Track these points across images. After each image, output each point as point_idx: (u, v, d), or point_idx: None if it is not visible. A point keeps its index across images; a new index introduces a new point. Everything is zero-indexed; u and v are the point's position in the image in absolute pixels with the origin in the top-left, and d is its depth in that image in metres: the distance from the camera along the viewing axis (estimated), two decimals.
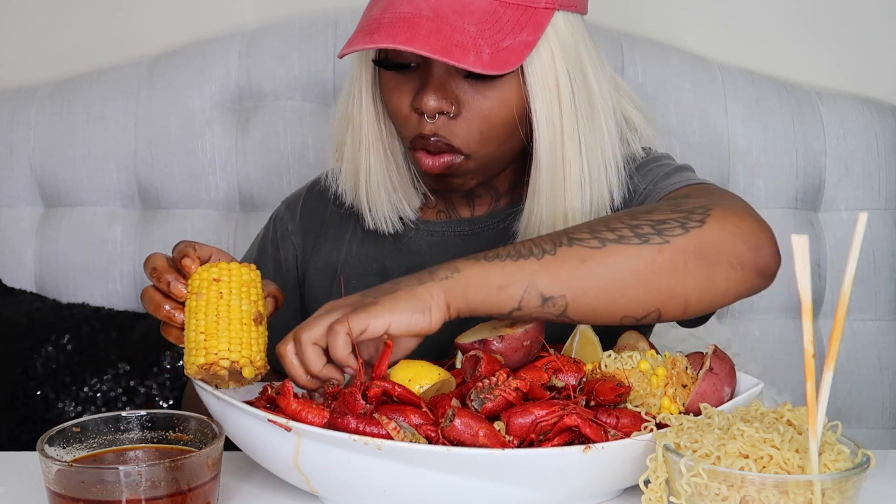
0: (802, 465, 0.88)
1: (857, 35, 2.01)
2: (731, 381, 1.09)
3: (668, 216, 1.09)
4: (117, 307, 1.94)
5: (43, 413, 1.76)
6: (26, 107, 1.98)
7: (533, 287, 1.04)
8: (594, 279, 1.05)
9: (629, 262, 1.05)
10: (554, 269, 1.05)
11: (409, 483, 0.97)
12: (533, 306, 1.05)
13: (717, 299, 1.09)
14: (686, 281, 1.06)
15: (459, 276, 1.04)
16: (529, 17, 1.20)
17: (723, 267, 1.07)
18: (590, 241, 1.06)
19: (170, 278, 1.10)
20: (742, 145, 1.92)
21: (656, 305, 1.07)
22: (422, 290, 1.03)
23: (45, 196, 1.99)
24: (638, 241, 1.06)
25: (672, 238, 1.06)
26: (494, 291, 1.04)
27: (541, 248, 1.06)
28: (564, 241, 1.06)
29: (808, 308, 0.86)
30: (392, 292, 1.04)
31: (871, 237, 1.92)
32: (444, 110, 1.21)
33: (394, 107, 1.25)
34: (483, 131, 1.23)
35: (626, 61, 1.92)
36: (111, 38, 2.06)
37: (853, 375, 1.92)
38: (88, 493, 0.93)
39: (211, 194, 1.96)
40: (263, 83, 1.95)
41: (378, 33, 1.16)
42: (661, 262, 1.06)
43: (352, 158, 1.33)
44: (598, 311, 1.07)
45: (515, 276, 1.04)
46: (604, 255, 1.05)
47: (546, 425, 0.99)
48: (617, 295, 1.06)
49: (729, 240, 1.08)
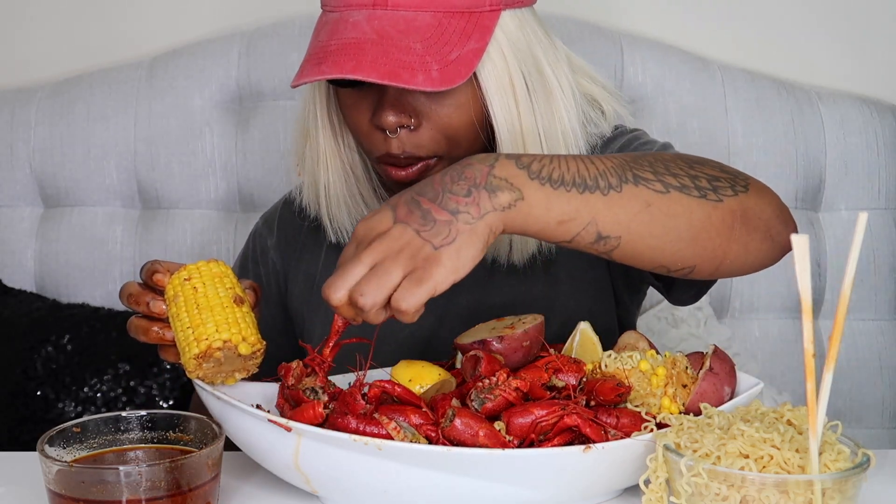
0: (802, 465, 0.88)
1: (857, 35, 2.01)
2: (731, 381, 1.09)
3: (719, 173, 1.07)
4: (117, 307, 1.94)
5: (43, 413, 1.76)
6: (26, 107, 1.98)
7: (593, 225, 0.99)
8: (653, 226, 1.01)
9: (689, 213, 1.02)
10: (618, 208, 1.00)
11: (409, 483, 0.97)
12: (585, 242, 1.00)
13: (746, 266, 1.08)
14: (728, 244, 1.05)
15: (523, 204, 0.96)
16: (475, 22, 1.18)
17: (760, 235, 1.06)
18: (654, 182, 1.02)
19: (147, 299, 1.08)
20: (742, 145, 1.92)
21: (695, 262, 1.05)
22: (482, 226, 0.95)
23: (45, 196, 1.99)
24: (698, 193, 1.03)
25: (725, 197, 1.04)
26: (555, 224, 0.98)
27: (606, 179, 1.00)
28: (630, 178, 1.01)
29: (808, 308, 0.86)
30: (452, 238, 0.94)
31: (871, 237, 1.92)
32: (404, 124, 1.20)
33: (353, 124, 1.25)
34: (448, 136, 1.22)
35: (626, 61, 1.92)
36: (111, 38, 2.06)
37: (853, 375, 1.92)
38: (88, 494, 0.93)
39: (211, 194, 1.96)
40: (263, 83, 1.95)
41: (325, 63, 1.15)
42: (715, 219, 1.03)
43: (311, 173, 1.33)
44: (643, 256, 1.03)
45: (580, 210, 0.98)
46: (667, 203, 1.01)
47: (546, 425, 0.99)
48: (668, 245, 1.03)
49: (767, 210, 1.07)
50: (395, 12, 1.17)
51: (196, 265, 1.10)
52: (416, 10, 1.17)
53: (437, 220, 0.94)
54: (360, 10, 1.17)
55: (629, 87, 1.93)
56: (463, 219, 0.94)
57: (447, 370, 1.10)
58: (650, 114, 1.92)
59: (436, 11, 1.17)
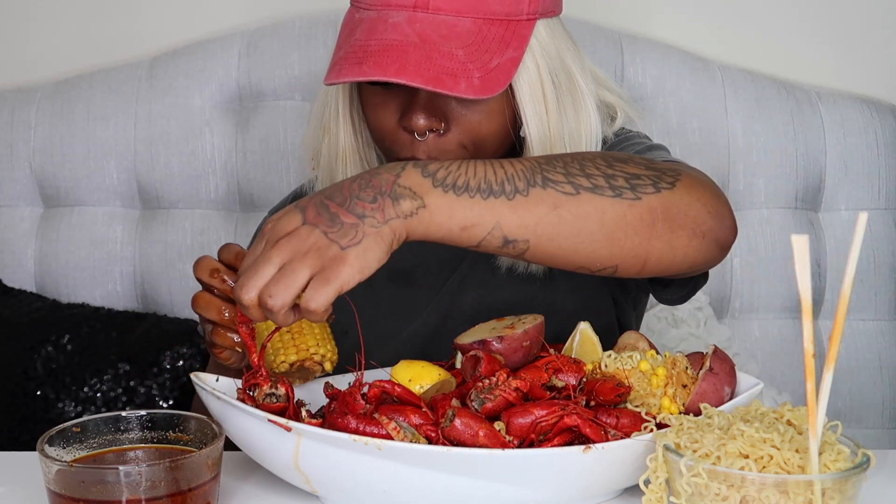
0: (802, 465, 0.88)
1: (857, 35, 2.01)
2: (731, 381, 1.09)
3: (641, 171, 1.06)
4: (117, 307, 1.94)
5: (43, 413, 1.75)
6: (26, 107, 1.98)
7: (498, 230, 1.00)
8: (562, 227, 1.01)
9: (600, 214, 1.02)
10: (524, 211, 1.00)
11: (409, 483, 0.97)
12: (493, 246, 1.01)
13: (674, 264, 1.08)
14: (650, 241, 1.05)
15: (424, 212, 0.98)
16: (513, 30, 1.19)
17: (686, 233, 1.06)
18: (564, 184, 1.02)
19: (232, 281, 1.07)
20: (742, 145, 1.92)
21: (615, 262, 1.05)
22: (387, 230, 0.97)
23: (45, 196, 1.99)
24: (612, 192, 1.03)
25: (644, 195, 1.04)
26: (458, 231, 0.99)
27: (513, 184, 1.01)
28: (538, 181, 1.01)
29: (808, 308, 0.86)
30: (358, 239, 0.95)
31: (871, 237, 1.92)
32: (434, 128, 1.20)
33: (378, 123, 1.24)
34: (476, 142, 1.23)
35: (626, 61, 1.93)
36: (111, 38, 2.06)
37: (853, 375, 1.92)
38: (88, 494, 0.93)
39: (211, 194, 1.96)
40: (263, 83, 1.95)
41: (366, 63, 1.14)
42: (630, 218, 1.03)
43: (328, 169, 1.32)
44: (557, 258, 1.04)
45: (483, 216, 0.99)
46: (576, 204, 1.02)
47: (546, 425, 0.99)
48: (580, 246, 1.03)
49: (695, 206, 1.06)
50: (436, 16, 1.16)
51: None
52: (457, 16, 1.17)
53: (345, 222, 0.96)
54: (401, 12, 1.17)
55: (629, 87, 1.93)
56: (369, 223, 0.96)
57: (447, 370, 1.10)
58: (650, 114, 1.92)
59: (475, 18, 1.17)
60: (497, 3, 1.18)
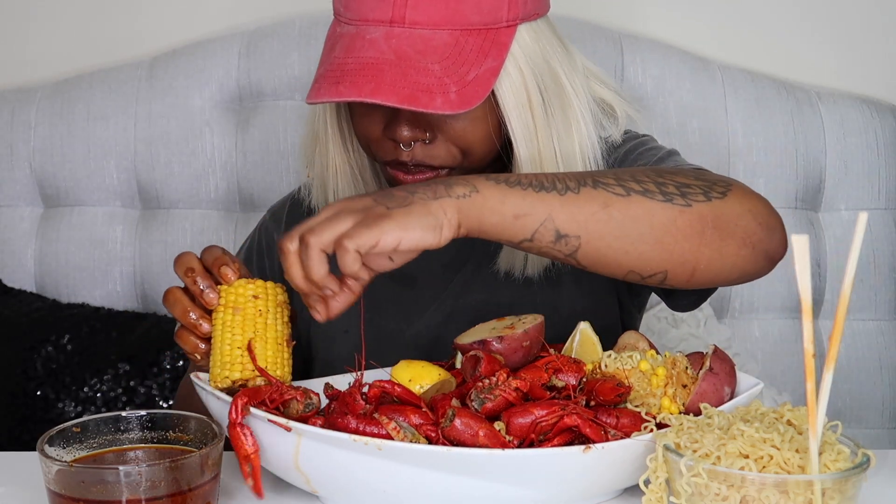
0: (802, 465, 0.88)
1: (857, 35, 2.01)
2: (731, 381, 1.09)
3: (692, 181, 1.08)
4: (117, 307, 1.94)
5: (43, 413, 1.76)
6: (26, 107, 1.98)
7: (550, 222, 1.02)
8: (612, 226, 1.03)
9: (650, 216, 1.04)
10: (575, 207, 1.02)
11: (409, 483, 0.97)
12: (545, 241, 1.02)
13: (723, 273, 1.08)
14: (700, 248, 1.05)
15: (477, 196, 1.01)
16: (493, 39, 1.18)
17: (736, 242, 1.06)
18: (615, 187, 1.04)
19: (204, 284, 1.08)
20: (742, 145, 1.92)
21: (665, 267, 1.06)
22: (436, 206, 0.99)
23: (45, 196, 1.99)
24: (662, 197, 1.05)
25: (695, 203, 1.05)
26: (511, 219, 1.01)
27: (564, 183, 1.03)
28: (589, 182, 1.04)
29: (808, 308, 0.86)
30: (406, 204, 0.98)
31: (871, 237, 1.92)
32: (419, 138, 1.21)
33: (365, 133, 1.25)
34: (463, 148, 1.23)
35: (626, 61, 1.93)
36: (111, 38, 2.06)
37: (853, 375, 1.92)
38: (88, 494, 0.93)
39: (211, 194, 1.96)
40: (263, 83, 1.95)
41: (343, 83, 1.14)
42: (680, 223, 1.04)
43: (321, 176, 1.33)
44: (608, 259, 1.05)
45: (535, 206, 1.01)
46: (626, 204, 1.03)
47: (546, 425, 0.99)
48: (631, 247, 1.04)
49: (747, 217, 1.07)
50: (413, 30, 1.16)
51: (265, 284, 1.10)
52: (433, 28, 1.17)
53: (396, 195, 1.00)
54: (378, 27, 1.17)
55: (629, 87, 1.93)
56: (419, 196, 0.99)
57: (447, 370, 1.10)
58: (650, 114, 1.92)
59: (453, 29, 1.17)
60: (475, 12, 1.17)
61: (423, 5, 1.16)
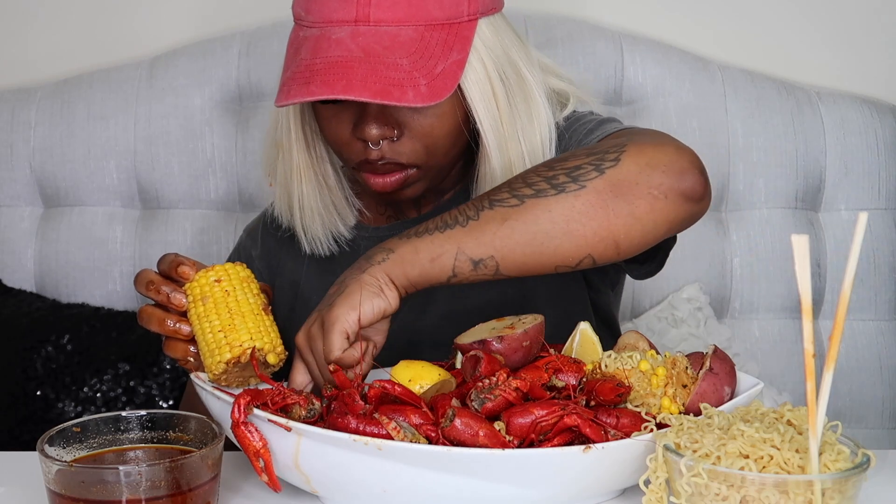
0: (802, 465, 0.88)
1: (856, 35, 2.01)
2: (731, 381, 1.09)
3: (582, 161, 1.10)
4: (117, 307, 1.94)
5: (43, 413, 1.75)
6: (26, 107, 1.98)
7: (462, 254, 1.07)
8: (517, 236, 1.07)
9: (548, 213, 1.07)
10: (477, 233, 1.07)
11: (409, 483, 0.97)
12: (467, 271, 1.08)
13: (647, 233, 1.09)
14: (609, 221, 1.07)
15: (394, 255, 1.08)
16: (456, 33, 1.21)
17: (645, 200, 1.08)
18: (509, 199, 1.08)
19: (167, 290, 1.11)
20: (742, 145, 1.92)
21: (586, 251, 1.08)
22: (367, 276, 1.07)
23: (45, 196, 1.99)
24: (554, 191, 1.08)
25: (588, 182, 1.08)
26: (428, 264, 1.07)
27: (465, 214, 1.09)
28: (486, 205, 1.08)
29: (808, 308, 0.86)
30: (343, 290, 1.07)
31: (871, 237, 1.92)
32: (387, 136, 1.23)
33: (332, 136, 1.26)
34: (428, 146, 1.25)
35: (626, 61, 1.92)
36: (111, 38, 2.06)
37: (853, 375, 1.92)
38: (88, 493, 0.93)
39: (211, 194, 1.96)
40: (263, 83, 1.95)
41: (314, 83, 1.16)
42: (579, 207, 1.07)
43: (284, 184, 1.35)
44: (529, 265, 1.09)
45: (444, 246, 1.07)
46: (523, 212, 1.07)
47: (546, 425, 0.99)
48: (543, 247, 1.08)
49: (646, 172, 1.08)
50: (378, 28, 1.18)
51: (224, 267, 1.11)
52: (398, 25, 1.19)
53: (329, 292, 1.10)
54: (343, 27, 1.19)
55: (629, 87, 1.93)
56: (348, 278, 1.09)
57: (447, 370, 1.10)
58: (650, 114, 1.92)
59: (417, 25, 1.19)
60: (437, 8, 1.20)
61: (386, 4, 1.18)
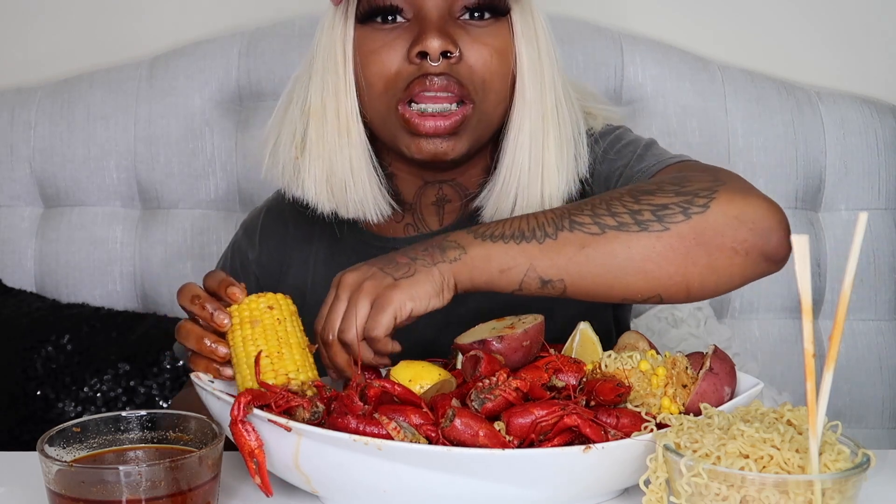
0: (802, 465, 0.88)
1: (857, 35, 2.01)
2: (731, 381, 1.09)
3: (670, 199, 1.09)
4: (117, 307, 1.94)
5: (43, 413, 1.76)
6: (26, 107, 1.98)
7: (533, 271, 1.07)
8: (591, 265, 1.07)
9: (627, 249, 1.07)
10: (553, 254, 1.07)
11: (409, 483, 0.97)
12: (533, 288, 1.08)
13: (721, 285, 1.09)
14: (686, 268, 1.07)
15: (466, 257, 1.08)
16: None
17: (725, 253, 1.07)
18: (590, 226, 1.08)
19: (211, 308, 1.09)
20: (742, 145, 1.92)
21: (656, 291, 1.08)
22: (436, 272, 1.07)
23: (45, 196, 1.99)
24: (637, 227, 1.07)
25: (672, 225, 1.07)
26: (497, 274, 1.08)
27: (543, 230, 1.08)
28: (566, 225, 1.08)
29: (808, 308, 0.86)
30: (411, 274, 1.07)
31: (871, 237, 1.92)
32: (449, 50, 1.21)
33: (382, 66, 1.24)
34: (485, 79, 1.24)
35: (626, 61, 1.92)
36: (111, 38, 2.06)
37: (853, 375, 1.92)
38: (88, 494, 0.93)
39: (211, 194, 1.96)
40: (263, 83, 1.95)
41: None
42: (659, 249, 1.07)
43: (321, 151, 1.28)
44: (597, 294, 1.09)
45: (517, 259, 1.07)
46: (602, 243, 1.07)
47: (546, 425, 0.99)
48: (615, 281, 1.08)
49: (733, 225, 1.07)
50: None
51: (276, 296, 1.12)
52: None
53: (399, 261, 1.09)
54: None
55: (629, 87, 1.93)
56: (420, 262, 1.08)
57: (447, 370, 1.10)
58: (650, 114, 1.92)
59: None
60: None
61: None
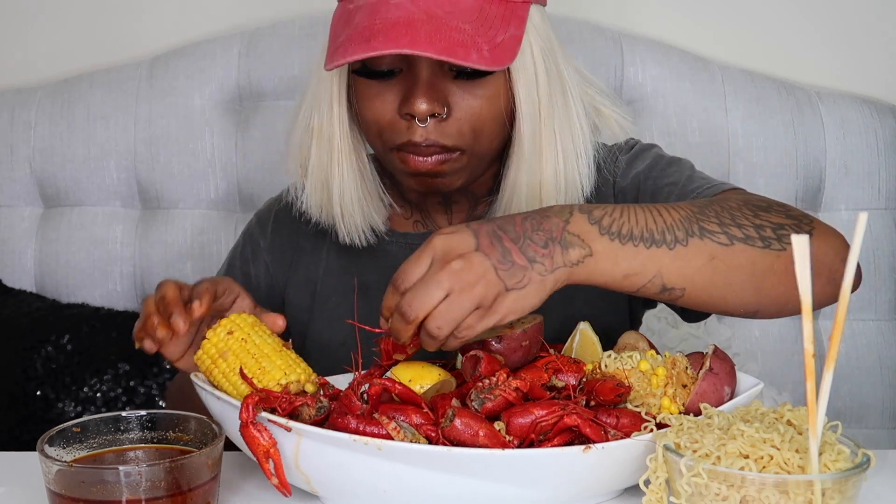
0: (802, 465, 0.88)
1: (857, 35, 2.01)
2: (731, 381, 1.09)
3: (783, 220, 1.10)
4: (117, 307, 1.94)
5: (43, 413, 1.75)
6: (26, 107, 1.98)
7: (658, 278, 1.04)
8: (716, 277, 1.06)
9: (751, 264, 1.06)
10: (682, 262, 1.04)
11: (409, 483, 0.97)
12: (650, 293, 1.05)
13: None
14: (791, 291, 1.05)
15: (591, 259, 1.02)
16: (512, 11, 1.20)
17: (823, 280, 1.08)
18: (719, 235, 1.06)
19: (175, 311, 1.09)
20: (742, 145, 1.92)
21: (758, 307, 1.09)
22: (551, 281, 1.00)
23: (45, 196, 1.99)
24: (761, 244, 1.07)
25: (789, 246, 1.07)
26: (620, 279, 1.04)
27: (673, 233, 1.05)
28: (696, 231, 1.05)
29: (808, 308, 0.86)
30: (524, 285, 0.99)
31: (871, 237, 1.92)
32: (436, 112, 1.20)
33: (375, 115, 1.23)
34: (475, 129, 1.23)
35: (626, 61, 1.92)
36: (111, 38, 2.06)
37: (853, 375, 1.92)
38: (88, 494, 0.93)
39: (211, 194, 1.96)
40: (263, 83, 1.95)
41: (375, 40, 1.13)
42: (778, 268, 1.07)
43: (321, 173, 1.30)
44: (708, 304, 1.08)
45: (646, 266, 1.03)
46: (730, 255, 1.06)
47: (546, 425, 0.99)
48: (730, 294, 1.07)
49: (830, 254, 1.09)
50: None
51: (229, 319, 1.11)
52: None
53: (516, 262, 0.99)
54: None
55: (629, 87, 1.93)
56: (537, 269, 0.99)
57: (447, 370, 1.10)
58: (650, 114, 1.92)
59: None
60: None
61: None
